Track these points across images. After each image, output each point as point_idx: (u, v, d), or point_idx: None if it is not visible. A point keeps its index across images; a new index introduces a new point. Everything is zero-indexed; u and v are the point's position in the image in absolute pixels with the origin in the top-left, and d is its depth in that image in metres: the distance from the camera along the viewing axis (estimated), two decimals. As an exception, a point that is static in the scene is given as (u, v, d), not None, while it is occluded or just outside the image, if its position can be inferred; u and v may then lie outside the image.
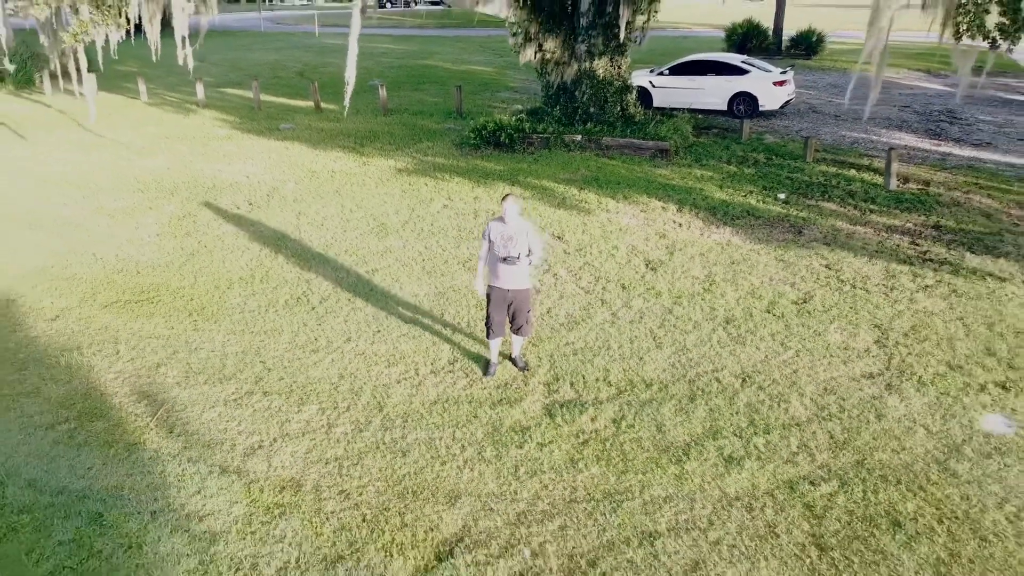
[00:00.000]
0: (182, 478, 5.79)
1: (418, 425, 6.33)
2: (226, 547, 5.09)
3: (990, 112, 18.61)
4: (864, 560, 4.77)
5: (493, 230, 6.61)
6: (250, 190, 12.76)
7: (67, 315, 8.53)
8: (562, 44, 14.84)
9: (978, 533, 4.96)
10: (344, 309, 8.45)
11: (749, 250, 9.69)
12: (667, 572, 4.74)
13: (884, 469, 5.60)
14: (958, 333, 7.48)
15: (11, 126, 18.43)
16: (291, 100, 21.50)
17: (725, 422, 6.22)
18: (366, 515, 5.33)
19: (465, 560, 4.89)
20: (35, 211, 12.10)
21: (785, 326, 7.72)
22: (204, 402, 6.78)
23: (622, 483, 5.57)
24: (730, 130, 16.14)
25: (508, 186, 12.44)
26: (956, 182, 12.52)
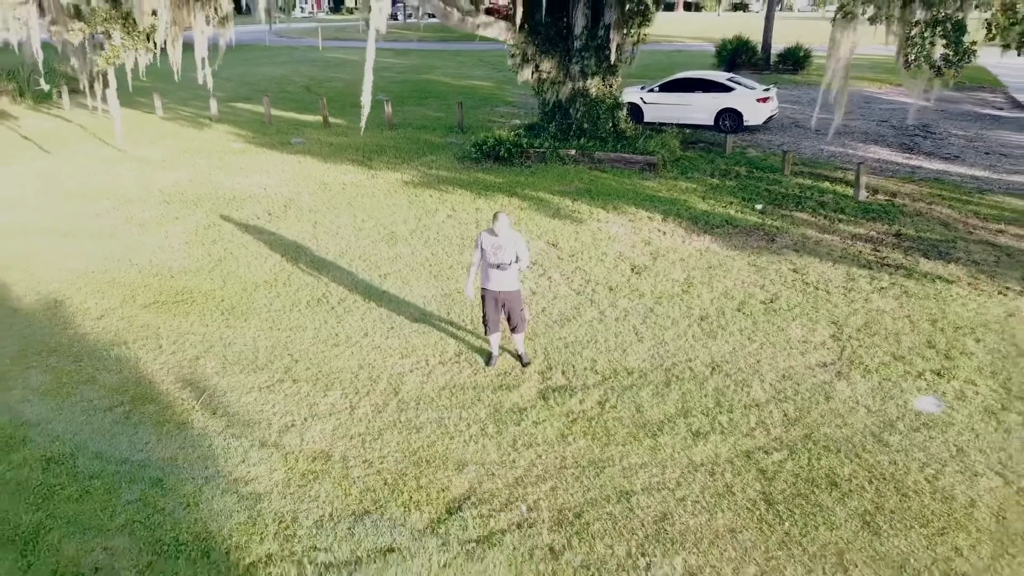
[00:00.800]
0: (227, 451, 6.75)
1: (429, 407, 7.30)
2: (270, 504, 6.05)
3: (963, 127, 19.67)
4: (804, 512, 5.73)
5: (485, 241, 7.59)
6: (268, 201, 13.77)
7: (111, 314, 9.51)
8: (557, 65, 15.89)
9: (900, 491, 5.93)
10: (360, 308, 9.43)
11: (725, 256, 10.69)
12: (640, 522, 5.70)
13: (827, 441, 6.57)
14: (904, 328, 8.47)
15: (36, 141, 19.46)
16: (299, 115, 22.54)
17: (695, 403, 7.20)
18: (387, 479, 6.29)
19: (471, 513, 5.85)
20: (69, 221, 13.09)
21: (752, 323, 8.71)
22: (241, 388, 7.75)
23: (604, 453, 6.54)
24: (715, 144, 17.18)
25: (507, 198, 13.44)
26: (921, 194, 13.54)
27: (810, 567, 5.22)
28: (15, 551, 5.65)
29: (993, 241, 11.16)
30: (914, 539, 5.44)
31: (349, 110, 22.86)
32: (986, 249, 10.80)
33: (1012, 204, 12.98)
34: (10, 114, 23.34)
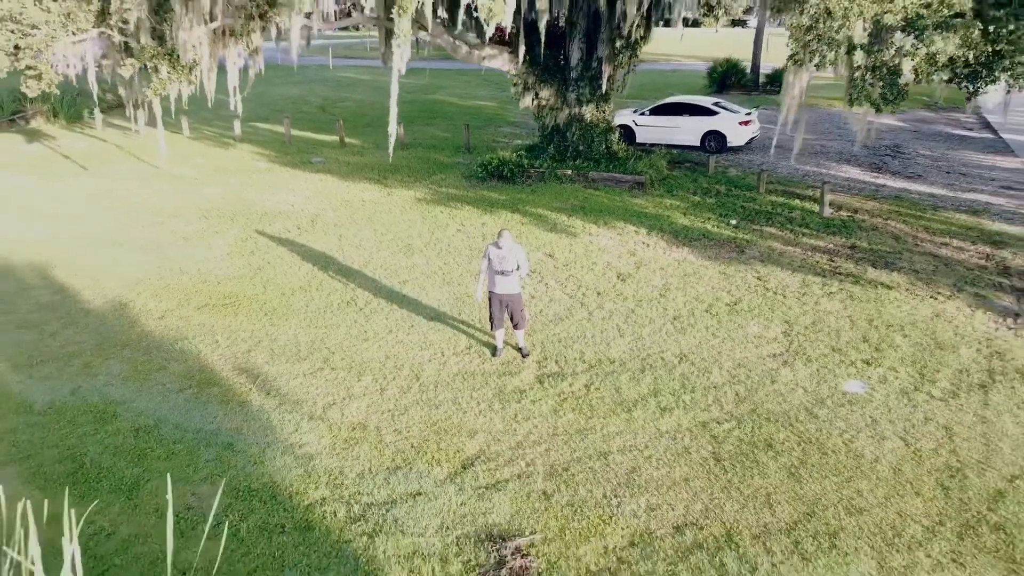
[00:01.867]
0: (282, 423, 8.32)
1: (445, 389, 8.86)
2: (320, 462, 7.61)
3: (931, 147, 21.28)
4: (744, 466, 7.28)
5: (491, 252, 9.18)
6: (296, 217, 15.40)
7: (170, 315, 11.10)
8: (555, 93, 17.54)
9: (821, 450, 7.47)
10: (384, 310, 11.01)
11: (699, 265, 12.27)
12: (614, 474, 7.25)
13: (768, 414, 8.12)
14: (845, 326, 10.04)
15: (75, 159, 21.14)
16: (317, 134, 24.22)
17: (664, 386, 8.75)
18: (413, 443, 7.85)
19: (481, 468, 7.40)
20: (120, 234, 14.71)
21: (717, 322, 10.28)
22: (288, 375, 9.32)
23: (588, 424, 8.09)
24: (700, 164, 18.79)
25: (510, 213, 15.05)
26: (880, 210, 15.13)
27: (744, 504, 6.76)
28: (123, 496, 7.20)
29: (935, 253, 12.73)
30: (827, 485, 6.98)
31: (362, 130, 24.55)
32: (927, 260, 12.38)
33: (960, 220, 14.56)
34: (47, 133, 25.04)
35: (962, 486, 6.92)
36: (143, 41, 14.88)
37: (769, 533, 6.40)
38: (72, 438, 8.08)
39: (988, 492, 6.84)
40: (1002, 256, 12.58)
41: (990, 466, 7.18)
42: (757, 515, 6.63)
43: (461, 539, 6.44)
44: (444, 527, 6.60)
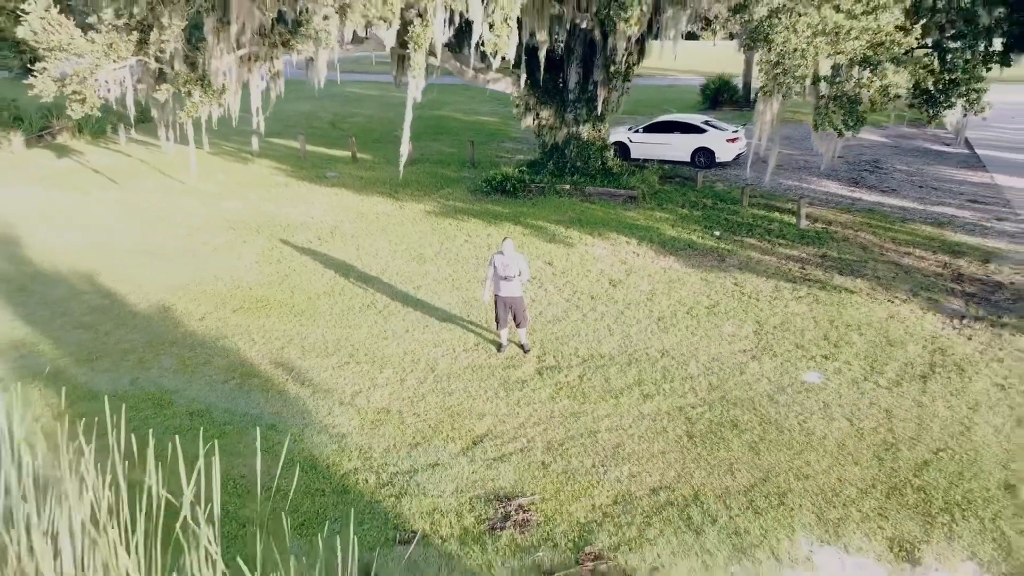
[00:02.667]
0: (317, 408, 9.62)
1: (457, 379, 10.18)
2: (352, 440, 8.91)
3: (908, 162, 22.63)
4: (711, 442, 8.58)
5: (496, 260, 10.51)
6: (316, 228, 16.75)
7: (209, 317, 12.43)
8: (554, 113, 18.93)
9: (778, 429, 8.78)
10: (400, 312, 12.34)
11: (684, 273, 13.60)
12: (602, 448, 8.55)
13: (736, 400, 9.42)
14: (809, 326, 11.35)
15: (105, 173, 22.55)
16: (329, 150, 25.62)
17: (647, 376, 10.06)
18: (430, 424, 9.16)
19: (489, 444, 8.70)
20: (155, 244, 16.07)
21: (696, 322, 11.60)
22: (319, 368, 10.64)
23: (581, 408, 9.40)
24: (690, 179, 20.14)
25: (513, 225, 16.40)
26: (853, 222, 16.46)
27: (710, 472, 8.06)
28: (192, 468, 8.50)
29: (898, 261, 14.06)
30: (781, 456, 8.28)
31: (372, 145, 25.96)
32: (890, 267, 13.70)
33: (925, 231, 15.89)
34: (74, 149, 26.47)
35: (894, 457, 8.22)
36: (177, 67, 16.24)
37: (729, 494, 7.70)
38: (136, 420, 9.39)
39: (915, 462, 8.14)
40: (958, 264, 13.90)
41: (920, 441, 8.49)
42: (720, 480, 7.93)
43: (473, 499, 7.74)
44: (459, 490, 7.90)
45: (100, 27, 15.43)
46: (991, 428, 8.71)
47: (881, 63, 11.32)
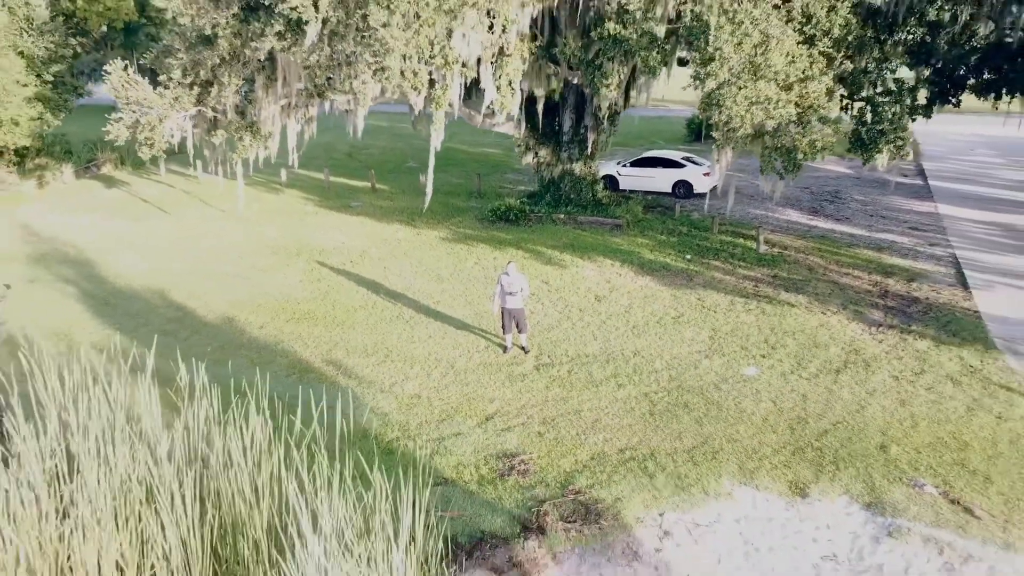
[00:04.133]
0: (363, 394, 12.36)
1: (472, 373, 12.92)
2: (393, 417, 11.64)
3: (865, 192, 25.50)
4: (667, 418, 11.31)
5: (503, 279, 13.28)
6: (347, 252, 19.58)
7: (267, 326, 15.20)
8: (551, 152, 21.83)
9: (719, 408, 11.51)
10: (424, 322, 15.11)
11: (657, 290, 16.38)
12: (584, 422, 11.28)
13: (690, 387, 12.16)
14: (753, 332, 14.11)
15: (154, 203, 25.44)
16: (350, 180, 28.53)
17: (621, 371, 12.81)
18: (452, 405, 11.89)
19: (498, 420, 11.43)
20: (209, 267, 18.87)
21: (664, 329, 14.37)
22: (362, 365, 13.38)
23: (568, 395, 12.13)
24: (669, 208, 23.00)
25: (515, 250, 19.21)
26: (806, 247, 19.27)
27: (664, 438, 10.79)
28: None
29: (837, 280, 16.85)
30: (718, 427, 11.01)
31: (388, 176, 28.88)
32: (828, 285, 16.49)
33: (866, 254, 18.70)
34: (119, 179, 29.41)
35: (802, 428, 10.95)
36: (230, 116, 19.18)
37: (676, 452, 10.43)
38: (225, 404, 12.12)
39: (818, 431, 10.87)
40: (886, 283, 16.69)
41: (824, 417, 11.22)
42: (671, 443, 10.66)
43: (487, 457, 10.47)
44: (476, 451, 10.63)
45: (169, 84, 18.40)
46: (880, 408, 11.46)
47: (810, 122, 14.19)
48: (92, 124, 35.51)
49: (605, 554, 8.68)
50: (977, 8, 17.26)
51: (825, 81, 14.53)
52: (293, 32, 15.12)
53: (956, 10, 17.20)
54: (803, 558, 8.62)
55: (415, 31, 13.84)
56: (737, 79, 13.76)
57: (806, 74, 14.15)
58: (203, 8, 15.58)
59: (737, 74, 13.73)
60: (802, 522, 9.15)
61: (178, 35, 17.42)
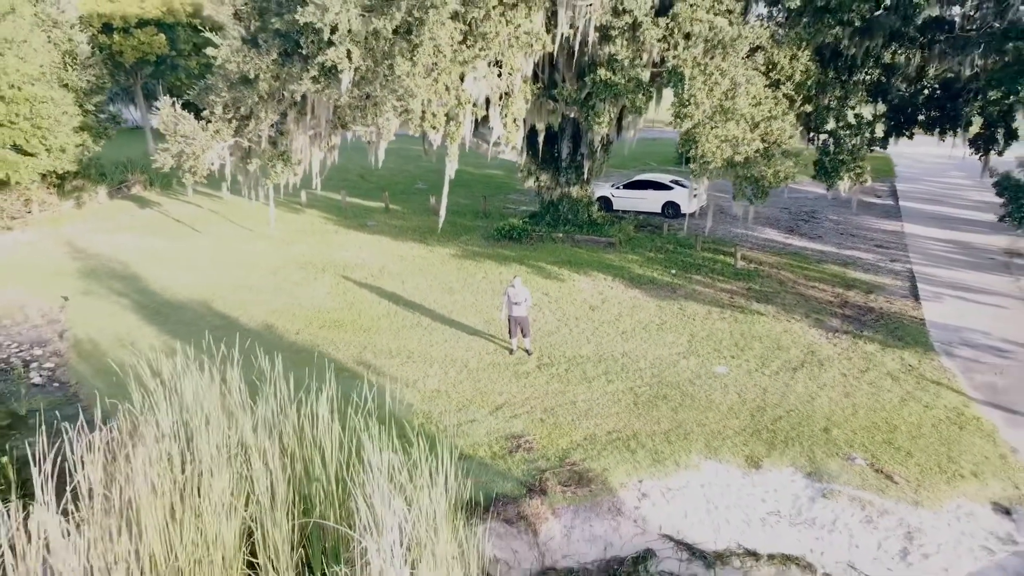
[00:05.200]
0: (393, 389, 14.51)
1: (483, 372, 15.10)
2: (417, 407, 13.80)
3: (839, 212, 27.77)
4: (648, 407, 13.48)
5: (509, 291, 15.48)
6: (368, 268, 21.81)
7: (303, 332, 17.38)
8: (551, 177, 24.12)
9: (693, 399, 13.68)
10: (440, 328, 17.30)
11: (644, 301, 18.59)
12: (578, 410, 13.45)
13: (670, 382, 14.34)
14: (726, 338, 16.30)
15: (186, 223, 27.70)
16: (365, 201, 30.81)
17: (611, 369, 14.99)
18: (468, 398, 14.06)
19: (506, 409, 13.60)
20: (245, 281, 21.07)
21: (649, 334, 16.56)
22: (388, 365, 15.56)
23: (566, 388, 14.31)
24: (659, 227, 25.25)
25: (519, 265, 21.44)
26: (779, 263, 21.50)
27: (645, 423, 12.96)
28: (313, 423, 13.38)
29: (803, 293, 19.07)
30: (690, 415, 13.18)
31: (398, 197, 31.16)
32: (796, 297, 18.71)
33: (832, 269, 20.92)
34: (149, 200, 31.70)
35: (761, 415, 13.12)
36: (263, 146, 21.45)
37: (655, 434, 12.59)
38: (273, 397, 14.28)
39: (773, 417, 13.03)
40: (847, 295, 18.90)
41: (780, 406, 13.39)
42: (650, 427, 12.82)
43: (498, 438, 12.63)
44: (488, 433, 12.78)
45: (211, 118, 20.71)
46: (827, 399, 13.64)
47: (774, 155, 16.46)
48: (120, 145, 37.94)
49: (594, 510, 10.84)
50: (928, 52, 19.60)
51: (788, 119, 16.82)
52: (327, 77, 17.40)
53: (908, 54, 19.55)
54: (753, 513, 10.78)
55: (434, 79, 16.14)
56: (710, 120, 16.05)
57: (771, 113, 16.44)
58: (247, 56, 17.87)
59: (709, 116, 16.01)
60: (754, 487, 11.31)
61: (221, 76, 19.70)
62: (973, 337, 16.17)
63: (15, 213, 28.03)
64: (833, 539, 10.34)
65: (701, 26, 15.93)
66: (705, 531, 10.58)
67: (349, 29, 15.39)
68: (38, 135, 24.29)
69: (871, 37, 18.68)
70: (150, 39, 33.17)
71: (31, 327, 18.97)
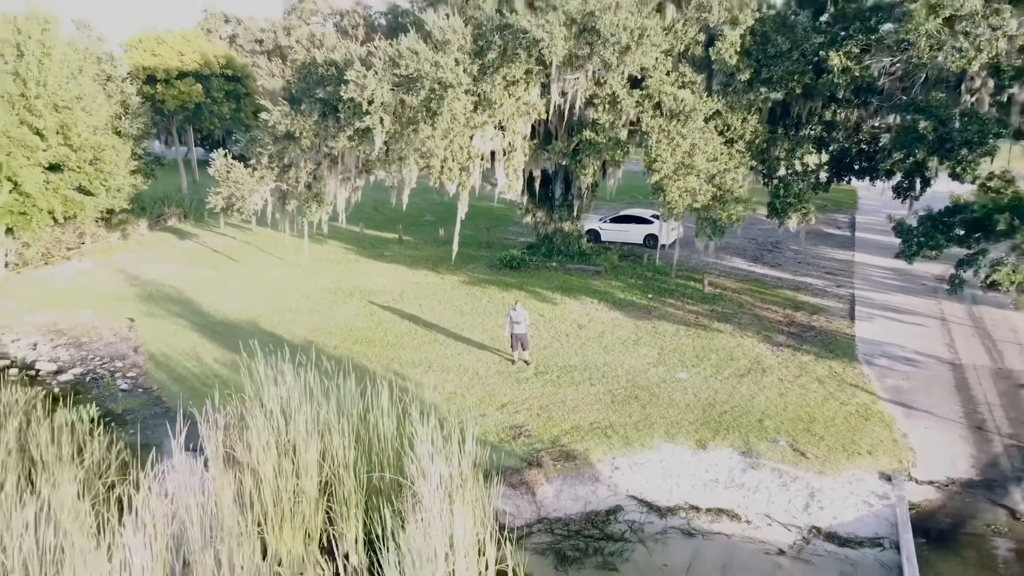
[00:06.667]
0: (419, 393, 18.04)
1: (491, 378, 18.63)
2: (440, 405, 17.32)
3: (801, 244, 31.49)
4: (623, 405, 17.01)
5: (511, 313, 19.04)
6: (389, 293, 25.40)
7: (339, 347, 20.90)
8: (546, 214, 27.82)
9: (658, 398, 17.22)
10: (454, 344, 20.84)
11: (624, 321, 22.18)
12: (567, 407, 16.98)
13: (641, 386, 17.88)
14: (689, 351, 19.88)
15: (223, 253, 31.32)
16: (380, 232, 34.50)
17: (594, 376, 18.53)
18: (478, 398, 17.58)
19: (510, 407, 17.12)
20: (283, 305, 24.61)
21: (626, 348, 20.14)
22: (412, 374, 19.06)
23: (557, 391, 17.84)
24: (640, 257, 28.92)
25: (519, 291, 25.04)
26: (741, 288, 25.14)
27: (619, 416, 16.49)
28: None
29: (758, 314, 22.68)
30: (655, 410, 16.72)
31: (409, 228, 34.84)
32: (750, 317, 22.32)
33: (785, 294, 24.57)
34: (186, 231, 35.35)
35: (711, 410, 16.66)
36: (300, 189, 25.14)
37: (627, 425, 16.12)
38: (322, 398, 17.79)
39: (720, 412, 16.57)
40: (795, 315, 22.51)
41: (727, 404, 16.93)
42: (623, 419, 16.35)
43: (503, 428, 16.13)
44: (496, 424, 16.29)
45: (257, 167, 24.43)
46: (765, 398, 17.19)
47: (727, 202, 20.16)
48: (154, 180, 41.67)
49: (578, 478, 14.34)
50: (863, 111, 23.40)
51: (740, 171, 20.56)
52: (360, 136, 21.11)
53: (846, 113, 23.37)
54: (698, 480, 14.29)
55: (450, 140, 19.85)
56: (673, 174, 19.74)
57: (725, 167, 20.16)
58: (294, 119, 21.60)
59: (673, 171, 19.71)
60: (700, 462, 14.83)
61: (268, 132, 23.42)
62: (891, 350, 19.77)
63: (71, 244, 31.68)
64: (756, 497, 13.83)
65: (667, 97, 19.70)
66: (661, 493, 14.07)
67: (382, 102, 19.13)
68: (100, 178, 27.96)
69: (813, 100, 22.54)
70: (189, 89, 37.09)
71: (107, 344, 22.49)
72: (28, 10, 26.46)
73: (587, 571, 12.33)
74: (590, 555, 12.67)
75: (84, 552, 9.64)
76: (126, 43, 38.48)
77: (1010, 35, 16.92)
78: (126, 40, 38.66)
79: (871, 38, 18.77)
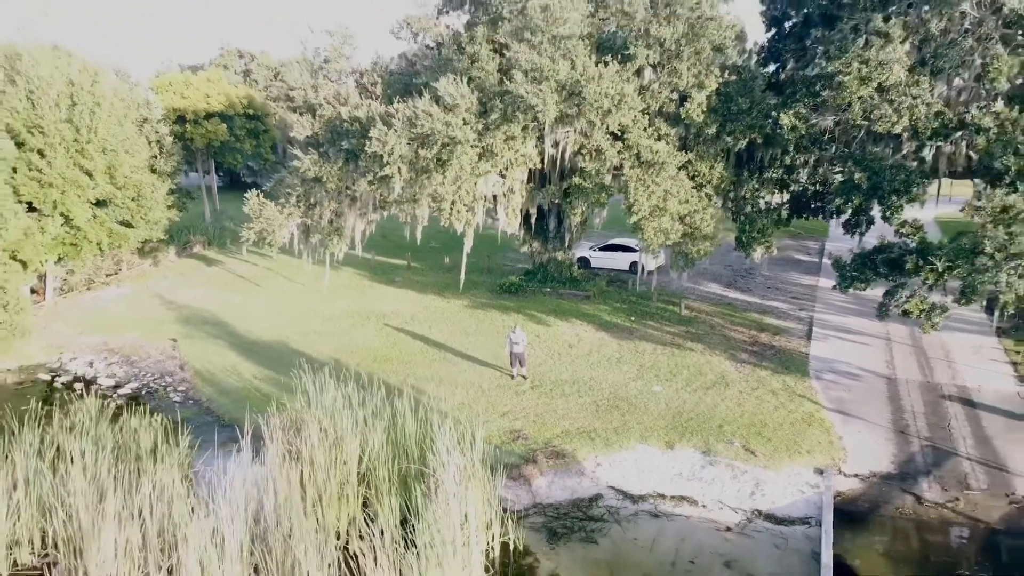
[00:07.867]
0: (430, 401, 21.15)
1: (493, 391, 21.75)
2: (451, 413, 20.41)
3: (772, 269, 34.77)
4: (605, 413, 20.14)
5: (511, 334, 22.20)
6: (401, 316, 28.56)
7: (361, 364, 23.99)
8: (541, 244, 31.08)
9: (634, 405, 20.37)
10: (461, 362, 23.97)
11: (609, 340, 25.35)
12: (558, 416, 20.11)
13: (621, 397, 21.03)
14: (665, 367, 23.03)
15: (247, 278, 34.48)
16: (389, 259, 37.72)
17: (582, 389, 21.67)
18: (483, 407, 20.69)
19: (510, 415, 20.25)
20: (307, 327, 27.74)
21: (610, 365, 23.30)
22: (426, 387, 22.16)
23: (550, 402, 20.98)
24: (626, 282, 32.14)
25: (517, 314, 28.21)
26: (714, 311, 28.36)
27: (602, 423, 19.62)
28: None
29: (726, 334, 25.88)
30: (633, 417, 19.85)
31: (417, 255, 38.06)
32: (720, 338, 25.52)
33: (753, 316, 27.79)
34: (212, 258, 38.51)
35: (679, 417, 19.79)
36: (323, 224, 28.38)
37: (608, 429, 19.24)
38: (349, 408, 20.91)
39: (687, 418, 19.71)
40: (759, 336, 25.71)
41: (694, 412, 20.08)
42: (605, 425, 19.47)
43: (504, 432, 19.24)
44: (498, 429, 19.40)
45: (286, 204, 27.69)
46: (726, 407, 20.34)
47: (697, 238, 23.43)
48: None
49: (567, 472, 17.46)
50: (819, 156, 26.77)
51: (708, 212, 23.86)
52: (380, 181, 24.38)
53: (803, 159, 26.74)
54: (665, 474, 17.41)
55: (459, 186, 23.13)
56: (649, 216, 23.02)
57: (695, 208, 23.45)
58: (322, 165, 24.86)
59: (648, 213, 22.99)
60: (668, 459, 17.95)
61: (296, 175, 26.67)
62: (839, 366, 22.97)
63: (109, 271, 34.83)
64: (711, 487, 16.94)
65: (644, 149, 23.03)
66: (634, 484, 17.16)
67: (401, 154, 22.43)
68: (140, 212, 31.16)
69: (773, 147, 25.91)
70: (215, 128, 40.45)
71: (156, 361, 25.60)
72: (80, 64, 29.79)
73: (573, 544, 15.40)
74: (575, 532, 15.74)
75: (188, 522, 12.72)
76: (156, 85, 41.90)
77: (928, 102, 20.29)
78: (155, 82, 42.08)
79: (816, 100, 22.15)
